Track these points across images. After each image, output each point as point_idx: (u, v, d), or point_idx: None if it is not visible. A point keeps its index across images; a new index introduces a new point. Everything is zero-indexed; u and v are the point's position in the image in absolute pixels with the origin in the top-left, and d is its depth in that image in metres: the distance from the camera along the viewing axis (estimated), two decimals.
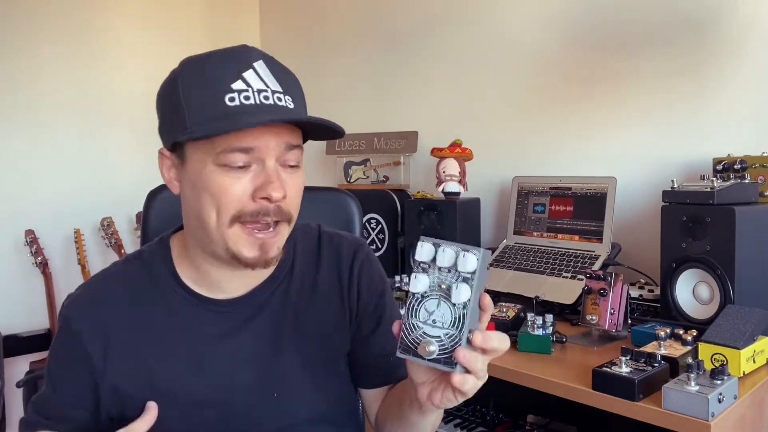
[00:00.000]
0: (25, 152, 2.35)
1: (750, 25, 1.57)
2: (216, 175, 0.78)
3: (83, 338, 0.86)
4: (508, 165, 2.06)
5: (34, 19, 2.35)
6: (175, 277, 0.89)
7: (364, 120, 2.50)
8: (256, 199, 0.79)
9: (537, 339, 1.32)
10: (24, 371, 2.20)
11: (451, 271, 0.66)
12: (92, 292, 0.90)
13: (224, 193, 0.78)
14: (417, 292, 0.67)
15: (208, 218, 0.80)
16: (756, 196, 1.39)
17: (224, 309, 0.89)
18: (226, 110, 0.76)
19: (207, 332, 0.88)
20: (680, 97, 1.69)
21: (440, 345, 0.65)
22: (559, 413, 1.55)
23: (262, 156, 0.79)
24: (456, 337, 0.65)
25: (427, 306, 0.67)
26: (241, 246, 0.80)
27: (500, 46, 2.09)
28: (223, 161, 0.78)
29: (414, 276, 0.67)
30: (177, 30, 2.71)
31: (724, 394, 0.99)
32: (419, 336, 0.66)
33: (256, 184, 0.79)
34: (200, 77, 0.79)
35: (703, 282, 1.34)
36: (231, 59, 0.80)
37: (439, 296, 0.66)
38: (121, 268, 0.92)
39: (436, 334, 0.66)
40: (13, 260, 2.32)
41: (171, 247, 0.91)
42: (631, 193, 1.76)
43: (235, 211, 0.79)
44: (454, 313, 0.66)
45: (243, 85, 0.78)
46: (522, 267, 1.77)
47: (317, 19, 2.73)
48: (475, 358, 0.66)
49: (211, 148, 0.78)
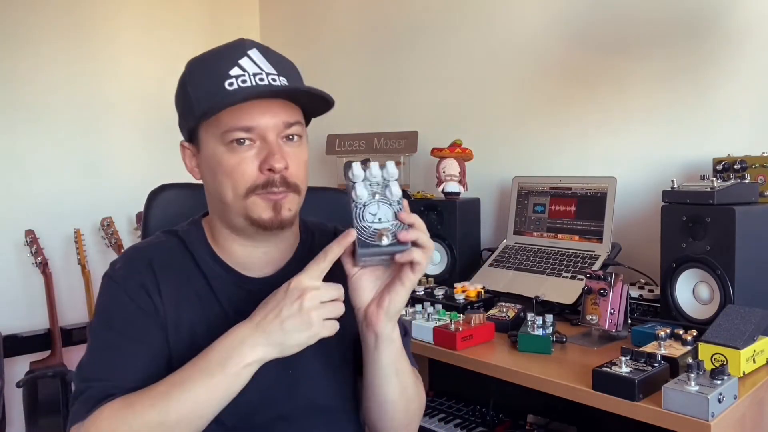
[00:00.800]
0: (26, 152, 2.35)
1: (750, 25, 1.57)
2: (226, 155, 0.87)
3: (148, 289, 0.90)
4: (508, 165, 2.06)
5: (35, 19, 2.35)
6: (210, 254, 0.95)
7: (364, 120, 2.50)
8: (264, 170, 0.87)
9: (537, 339, 1.32)
10: (24, 371, 2.21)
11: (379, 180, 0.84)
12: (141, 254, 0.94)
13: (235, 170, 0.87)
14: (360, 199, 0.82)
15: (226, 194, 0.88)
16: (756, 196, 1.39)
17: (255, 287, 0.93)
18: (227, 93, 0.86)
19: (239, 307, 0.90)
20: (680, 97, 1.69)
21: (391, 234, 0.81)
22: (559, 413, 1.55)
23: (263, 133, 0.87)
24: (399, 224, 0.82)
25: (370, 210, 0.82)
26: (259, 210, 0.88)
27: (500, 47, 2.09)
28: (228, 139, 0.86)
29: (355, 189, 0.82)
30: (178, 30, 2.71)
31: (724, 394, 0.99)
32: (373, 231, 0.81)
33: (260, 158, 0.87)
34: (203, 71, 0.90)
35: (703, 282, 1.34)
36: (228, 51, 0.90)
37: (378, 200, 0.83)
38: (162, 240, 0.97)
39: (384, 226, 0.82)
40: (13, 260, 2.32)
41: (204, 228, 0.97)
42: (631, 193, 1.76)
43: (249, 184, 0.87)
44: (392, 209, 0.83)
45: (239, 71, 0.87)
46: (522, 267, 1.77)
47: (317, 20, 2.73)
48: (415, 231, 0.82)
49: (218, 129, 0.87)
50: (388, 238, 0.80)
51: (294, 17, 2.85)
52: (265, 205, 0.88)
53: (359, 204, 0.82)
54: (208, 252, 0.95)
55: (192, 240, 0.96)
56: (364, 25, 2.54)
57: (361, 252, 0.81)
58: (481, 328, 1.41)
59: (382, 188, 0.84)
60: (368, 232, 0.81)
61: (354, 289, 0.86)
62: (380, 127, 2.36)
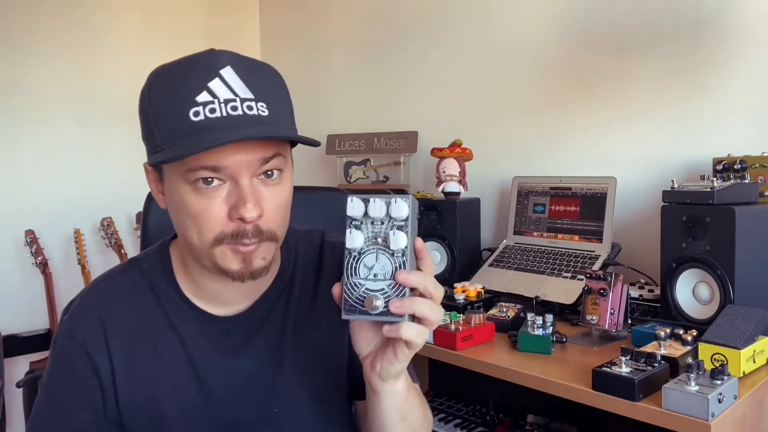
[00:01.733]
0: (26, 152, 2.34)
1: (750, 25, 1.57)
2: (190, 196, 0.75)
3: (89, 348, 0.83)
4: (508, 165, 2.06)
5: (35, 19, 2.35)
6: (176, 291, 0.87)
7: (364, 120, 2.50)
8: (233, 219, 0.75)
9: (537, 339, 1.32)
10: (24, 371, 2.20)
11: (384, 222, 0.65)
12: (92, 301, 0.87)
13: (201, 215, 0.75)
14: (354, 248, 0.66)
15: (192, 239, 0.78)
16: (756, 196, 1.39)
17: (225, 326, 0.87)
18: (191, 126, 0.72)
19: (208, 349, 0.86)
20: (680, 97, 1.69)
21: (385, 298, 0.65)
22: (559, 413, 1.55)
23: (234, 174, 0.74)
24: (400, 286, 0.65)
25: (365, 261, 0.66)
26: (227, 262, 0.78)
27: (500, 47, 2.08)
28: (191, 178, 0.74)
29: (349, 232, 0.66)
30: (177, 31, 2.71)
31: (724, 394, 0.99)
32: (362, 293, 0.65)
33: (230, 203, 0.75)
34: (166, 90, 0.76)
35: (703, 282, 1.34)
36: (196, 69, 0.75)
37: (376, 250, 0.66)
38: (121, 278, 0.89)
39: (379, 287, 0.65)
40: (13, 260, 2.32)
41: (171, 257, 0.89)
42: (631, 193, 1.76)
43: (216, 233, 0.76)
44: (393, 263, 0.65)
45: (208, 97, 0.73)
46: (522, 267, 1.77)
47: (317, 19, 2.73)
48: (412, 302, 0.65)
49: (181, 166, 0.74)
50: (380, 305, 0.65)
51: (294, 17, 2.85)
52: (233, 257, 0.77)
53: (352, 252, 0.66)
54: (173, 288, 0.87)
55: (156, 275, 0.87)
56: (364, 24, 2.54)
57: (346, 316, 0.67)
58: (481, 328, 1.41)
59: (386, 232, 0.65)
60: (357, 294, 0.66)
61: (352, 333, 0.74)
62: (380, 127, 2.37)
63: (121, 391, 0.84)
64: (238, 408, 0.86)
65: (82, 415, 0.83)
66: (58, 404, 0.85)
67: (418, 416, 0.84)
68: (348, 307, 0.66)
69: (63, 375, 0.85)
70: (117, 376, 0.84)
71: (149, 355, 0.85)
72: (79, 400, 0.84)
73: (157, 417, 0.84)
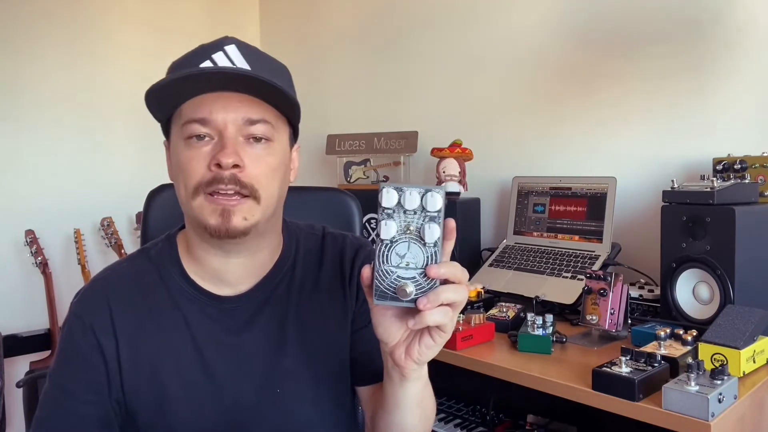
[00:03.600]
0: (26, 152, 2.34)
1: (749, 24, 1.57)
2: (183, 150, 0.81)
3: (96, 330, 0.86)
4: (508, 165, 2.06)
5: (35, 20, 2.35)
6: (181, 273, 0.90)
7: (364, 120, 2.50)
8: (211, 167, 0.79)
9: (537, 339, 1.32)
10: (24, 371, 2.20)
11: (417, 213, 0.67)
12: (100, 286, 0.90)
13: (186, 166, 0.80)
14: (387, 237, 0.67)
15: (180, 194, 0.83)
16: (756, 196, 1.39)
17: (228, 306, 0.89)
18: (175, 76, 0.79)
19: (212, 330, 0.88)
20: (680, 97, 1.69)
21: (416, 285, 0.66)
22: (559, 413, 1.55)
23: (219, 127, 0.80)
24: (428, 279, 0.67)
25: (398, 250, 0.67)
26: (205, 214, 0.80)
27: (500, 47, 2.08)
28: (186, 133, 0.80)
29: (383, 222, 0.67)
30: (177, 30, 2.70)
31: (724, 394, 0.99)
32: (394, 280, 0.67)
33: (212, 153, 0.80)
34: (177, 65, 0.84)
35: (703, 282, 1.34)
36: (207, 46, 0.83)
37: (408, 239, 0.67)
38: (129, 264, 0.92)
39: (411, 275, 0.67)
40: (13, 260, 2.32)
41: (178, 243, 0.92)
42: (631, 193, 1.76)
43: (195, 181, 0.80)
44: (425, 253, 0.67)
45: (209, 64, 0.80)
46: (522, 267, 1.77)
47: (317, 19, 2.73)
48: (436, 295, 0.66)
49: (180, 121, 0.82)
50: (412, 292, 0.66)
51: (294, 16, 2.85)
52: (211, 209, 0.80)
53: (385, 241, 0.67)
54: (179, 271, 0.90)
55: (163, 260, 0.91)
56: (364, 24, 2.54)
57: (378, 302, 0.68)
58: (481, 328, 1.41)
59: (419, 223, 0.67)
60: (388, 281, 0.67)
61: (378, 322, 0.72)
62: (380, 127, 2.36)
63: (126, 372, 0.86)
64: (240, 388, 0.87)
65: (88, 397, 0.85)
66: (64, 387, 0.86)
67: (431, 405, 0.87)
68: (379, 293, 0.68)
69: (70, 357, 0.87)
70: (122, 358, 0.86)
71: (154, 335, 0.87)
72: (85, 382, 0.85)
73: (160, 397, 0.86)
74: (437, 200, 0.66)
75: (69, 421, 0.85)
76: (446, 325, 0.69)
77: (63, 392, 0.86)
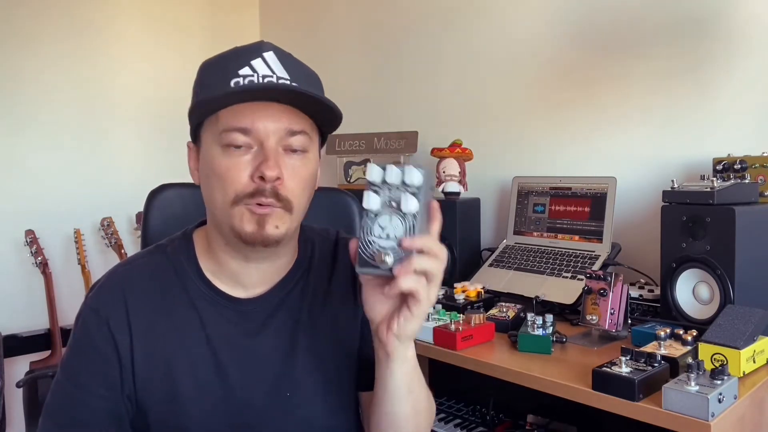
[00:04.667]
0: (26, 152, 2.34)
1: (750, 24, 1.57)
2: (219, 157, 0.81)
3: (111, 325, 0.85)
4: (508, 165, 2.06)
5: (36, 19, 2.35)
6: (198, 273, 0.90)
7: (364, 120, 2.50)
8: (254, 178, 0.80)
9: (537, 339, 1.32)
10: (24, 371, 2.20)
11: (399, 188, 0.72)
12: (117, 281, 0.90)
13: (226, 175, 0.80)
14: (371, 209, 0.72)
15: (215, 200, 0.83)
16: (756, 196, 1.39)
17: (244, 308, 0.89)
18: (229, 89, 0.80)
19: (227, 331, 0.88)
20: (680, 97, 1.69)
21: (395, 254, 0.71)
22: (559, 413, 1.55)
23: (261, 137, 0.80)
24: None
25: (380, 222, 0.72)
26: (243, 222, 0.81)
27: (500, 47, 2.09)
28: (225, 141, 0.80)
29: (367, 195, 0.72)
30: (177, 31, 2.71)
31: (724, 394, 0.99)
32: (375, 249, 0.71)
33: (254, 165, 0.80)
34: (213, 70, 0.84)
35: (703, 282, 1.34)
36: (244, 51, 0.84)
37: (390, 212, 0.72)
38: (146, 260, 0.92)
39: (390, 245, 0.71)
40: (13, 260, 2.32)
41: (195, 242, 0.92)
42: (631, 193, 1.76)
43: (236, 191, 0.80)
44: (404, 224, 0.71)
45: (249, 71, 0.80)
46: (522, 267, 1.77)
47: (317, 20, 2.73)
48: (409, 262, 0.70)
49: (216, 129, 0.81)
50: (390, 261, 0.70)
51: (294, 17, 2.85)
52: (249, 217, 0.81)
53: (369, 213, 0.72)
54: (195, 271, 0.90)
55: (179, 258, 0.90)
56: (364, 24, 2.54)
57: (359, 270, 0.73)
58: (481, 328, 1.41)
59: (400, 195, 0.72)
60: (370, 250, 0.71)
61: (366, 299, 0.78)
62: (380, 127, 2.36)
63: (139, 368, 0.86)
64: (251, 391, 0.88)
65: (100, 391, 0.85)
66: (77, 379, 0.86)
67: (423, 394, 0.88)
68: (361, 261, 0.72)
69: (84, 350, 0.87)
70: (135, 354, 0.85)
71: (169, 333, 0.87)
72: (98, 376, 0.85)
73: (172, 395, 0.86)
74: (415, 175, 0.71)
75: (80, 414, 0.85)
76: (420, 292, 0.72)
77: (75, 385, 0.86)
